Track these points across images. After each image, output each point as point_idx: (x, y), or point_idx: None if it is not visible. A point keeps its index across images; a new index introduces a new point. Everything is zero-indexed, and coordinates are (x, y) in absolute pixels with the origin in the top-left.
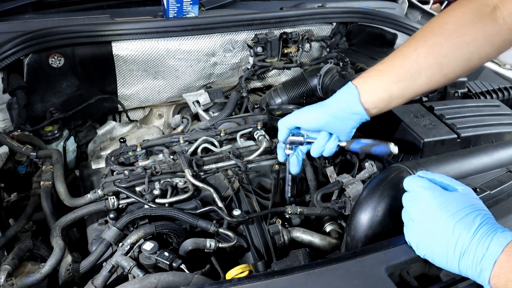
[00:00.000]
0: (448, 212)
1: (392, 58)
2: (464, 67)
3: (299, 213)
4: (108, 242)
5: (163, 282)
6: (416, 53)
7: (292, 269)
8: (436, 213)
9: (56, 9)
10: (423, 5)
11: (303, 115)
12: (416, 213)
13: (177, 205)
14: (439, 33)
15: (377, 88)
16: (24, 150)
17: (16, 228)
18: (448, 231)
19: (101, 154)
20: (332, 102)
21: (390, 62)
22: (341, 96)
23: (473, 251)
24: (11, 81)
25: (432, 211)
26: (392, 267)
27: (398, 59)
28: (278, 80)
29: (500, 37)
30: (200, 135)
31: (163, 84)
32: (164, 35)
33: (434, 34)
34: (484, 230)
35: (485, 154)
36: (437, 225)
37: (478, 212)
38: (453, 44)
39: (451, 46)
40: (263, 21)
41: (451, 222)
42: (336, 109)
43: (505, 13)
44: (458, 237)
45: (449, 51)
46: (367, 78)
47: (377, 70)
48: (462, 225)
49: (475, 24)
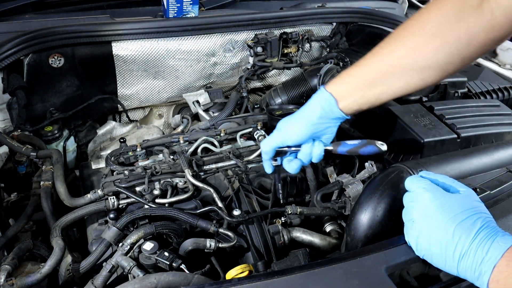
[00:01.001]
0: (449, 215)
1: (367, 61)
2: (444, 70)
3: (299, 213)
4: (108, 242)
5: (163, 282)
6: (392, 55)
7: (292, 269)
8: (436, 215)
9: (56, 9)
10: (423, 5)
11: (286, 133)
12: (416, 213)
13: (177, 205)
14: (419, 34)
15: (352, 93)
16: (24, 150)
17: (16, 228)
18: (448, 233)
19: (101, 154)
20: (309, 112)
21: (365, 65)
22: (317, 104)
23: (473, 254)
24: (11, 81)
25: (433, 213)
26: (392, 267)
27: (373, 61)
28: (278, 80)
29: (486, 34)
30: (200, 135)
31: (163, 84)
32: (164, 35)
33: (413, 35)
34: (484, 233)
35: (485, 154)
36: (437, 227)
37: (479, 215)
38: (434, 47)
39: (432, 49)
40: (263, 21)
41: (451, 224)
42: (316, 118)
43: (494, 5)
44: (458, 240)
45: (430, 55)
46: (340, 84)
47: (350, 75)
48: (462, 228)
49: (459, 22)
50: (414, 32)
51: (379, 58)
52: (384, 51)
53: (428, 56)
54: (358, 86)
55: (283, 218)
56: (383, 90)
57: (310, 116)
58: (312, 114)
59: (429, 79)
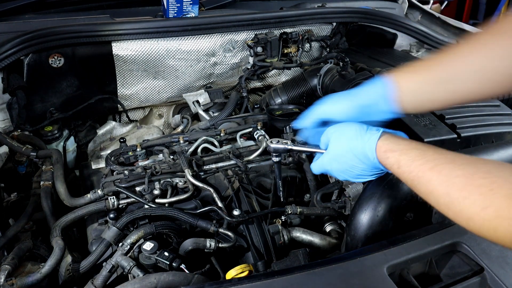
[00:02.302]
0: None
1: (445, 55)
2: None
3: (299, 213)
4: (108, 242)
5: (163, 282)
6: (475, 54)
7: (292, 269)
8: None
9: (56, 9)
10: (423, 5)
11: (333, 107)
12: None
13: (177, 205)
14: (509, 35)
15: (420, 88)
16: (24, 150)
17: (16, 228)
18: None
19: (101, 154)
20: (362, 95)
21: (443, 59)
22: (373, 90)
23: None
24: (11, 81)
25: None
26: (392, 267)
27: (452, 56)
28: (278, 80)
29: None
30: (200, 135)
31: (163, 84)
32: (164, 35)
33: (504, 35)
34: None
35: (485, 154)
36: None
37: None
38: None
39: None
40: (263, 21)
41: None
42: (366, 102)
43: None
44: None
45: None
46: (411, 74)
47: (424, 67)
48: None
49: None
50: (506, 31)
51: (455, 55)
52: (465, 50)
53: (508, 55)
54: (428, 81)
55: (284, 217)
56: (455, 89)
57: (360, 98)
58: (363, 97)
59: (509, 84)
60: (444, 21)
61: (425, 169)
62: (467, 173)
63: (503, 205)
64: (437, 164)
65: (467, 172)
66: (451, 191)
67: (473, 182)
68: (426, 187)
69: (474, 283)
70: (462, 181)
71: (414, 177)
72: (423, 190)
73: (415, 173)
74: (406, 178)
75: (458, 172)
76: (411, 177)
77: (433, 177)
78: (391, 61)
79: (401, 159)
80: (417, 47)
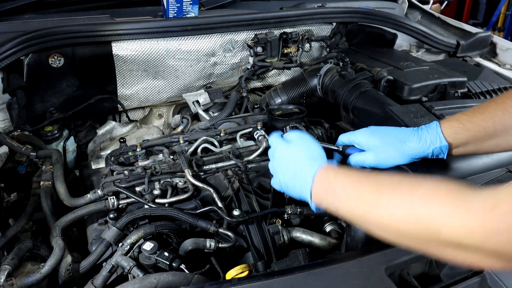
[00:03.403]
0: (289, 157)
1: (492, 110)
2: None
3: (299, 213)
4: (108, 242)
5: (163, 282)
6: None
7: (292, 269)
8: (281, 157)
9: (56, 9)
10: (423, 5)
11: (382, 159)
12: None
13: (177, 205)
14: None
15: (467, 143)
16: (24, 150)
17: (16, 228)
18: (289, 168)
19: (101, 154)
20: (419, 148)
21: (489, 115)
22: (429, 147)
23: (300, 179)
24: (11, 81)
25: (279, 157)
26: (392, 267)
27: (499, 112)
28: (278, 80)
29: None
30: (200, 135)
31: (163, 84)
32: (164, 35)
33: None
34: (308, 159)
35: (485, 154)
36: (283, 166)
37: (308, 148)
38: None
39: None
40: (263, 21)
41: (291, 163)
42: (419, 155)
43: None
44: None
45: None
46: (459, 129)
47: (472, 123)
48: (295, 162)
49: None
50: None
51: (506, 110)
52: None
53: None
54: (477, 136)
55: (286, 215)
56: (499, 143)
57: (415, 151)
58: (419, 149)
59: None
60: (444, 21)
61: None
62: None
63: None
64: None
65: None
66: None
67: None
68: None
69: (474, 283)
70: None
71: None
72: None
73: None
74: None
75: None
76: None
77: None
78: (391, 61)
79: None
80: (417, 47)
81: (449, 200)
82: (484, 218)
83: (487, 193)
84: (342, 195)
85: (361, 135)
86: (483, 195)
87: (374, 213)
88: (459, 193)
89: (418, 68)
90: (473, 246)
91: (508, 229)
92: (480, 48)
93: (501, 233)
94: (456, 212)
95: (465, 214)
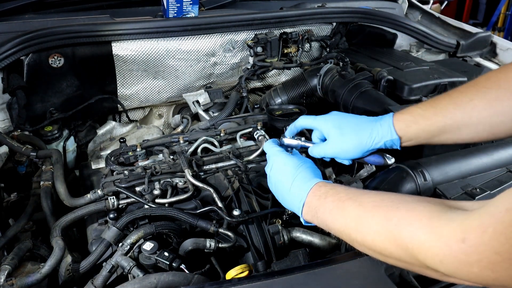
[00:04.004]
0: (284, 169)
1: (443, 105)
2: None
3: None
4: (108, 242)
5: (163, 282)
6: (471, 104)
7: (292, 269)
8: (277, 169)
9: (56, 9)
10: (423, 5)
11: (341, 149)
12: (269, 168)
13: (177, 205)
14: (504, 87)
15: (418, 136)
16: (24, 150)
17: (16, 228)
18: (284, 180)
19: (101, 154)
20: (371, 142)
21: (440, 110)
22: (381, 138)
23: (294, 194)
24: (11, 81)
25: (275, 168)
26: (392, 267)
27: (450, 106)
28: (278, 80)
29: None
30: (200, 135)
31: (163, 84)
32: (164, 35)
33: (497, 87)
34: (300, 179)
35: (485, 154)
36: (278, 177)
37: (302, 167)
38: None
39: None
40: (263, 21)
41: (286, 176)
42: (372, 148)
43: None
44: (289, 185)
45: (508, 110)
46: (410, 123)
47: (423, 116)
48: (289, 177)
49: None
50: (499, 85)
51: (457, 105)
52: (464, 98)
53: (505, 110)
54: (428, 130)
55: (285, 216)
56: (449, 137)
57: (367, 145)
58: (372, 144)
59: (500, 134)
60: (444, 21)
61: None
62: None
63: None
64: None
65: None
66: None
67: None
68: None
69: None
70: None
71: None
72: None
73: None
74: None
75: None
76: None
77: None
78: (391, 61)
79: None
80: (417, 47)
81: (422, 227)
82: (455, 249)
83: (459, 220)
84: (329, 219)
85: (322, 122)
86: (455, 223)
87: (359, 237)
88: (432, 219)
89: (418, 68)
90: (449, 274)
91: (478, 262)
92: (480, 48)
93: (471, 264)
94: (429, 240)
95: (437, 243)
